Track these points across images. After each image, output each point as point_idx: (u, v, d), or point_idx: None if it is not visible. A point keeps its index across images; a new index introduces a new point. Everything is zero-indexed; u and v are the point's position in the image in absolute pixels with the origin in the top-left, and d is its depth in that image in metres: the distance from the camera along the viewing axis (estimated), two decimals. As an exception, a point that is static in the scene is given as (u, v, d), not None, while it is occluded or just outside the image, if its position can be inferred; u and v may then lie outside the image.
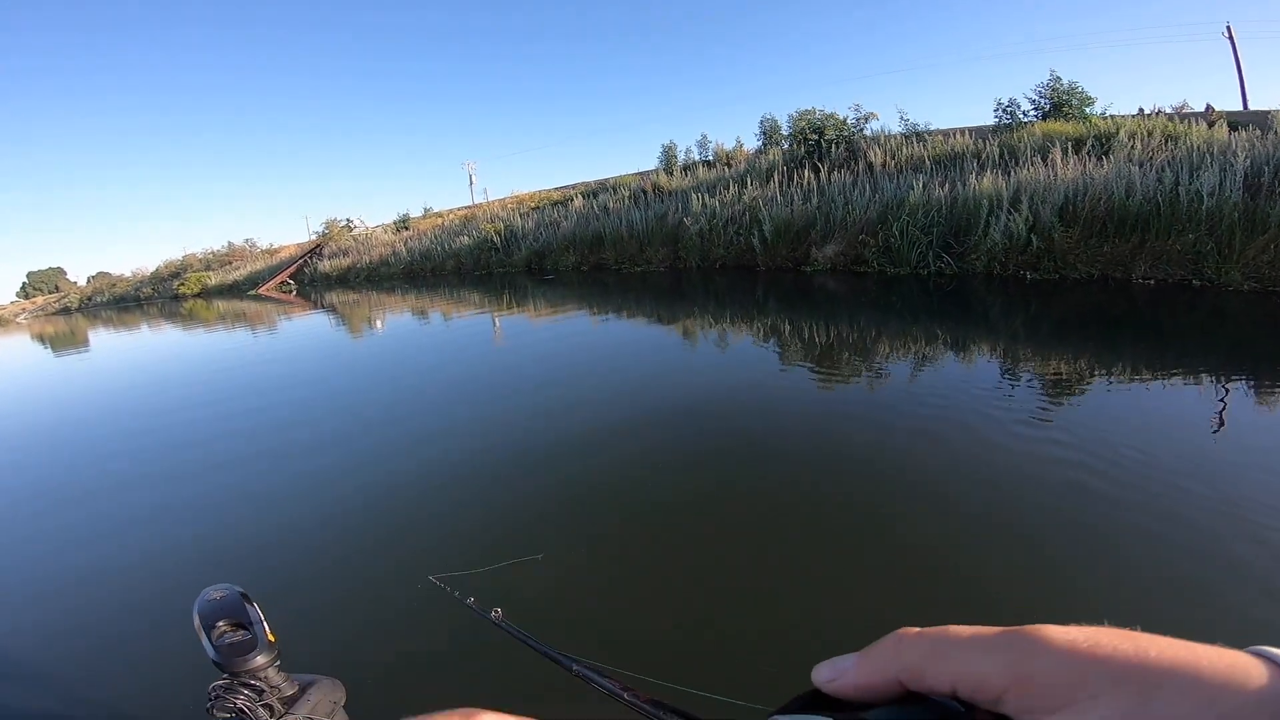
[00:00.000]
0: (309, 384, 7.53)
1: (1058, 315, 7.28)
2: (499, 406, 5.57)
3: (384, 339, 10.80)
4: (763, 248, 12.15)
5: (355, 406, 6.18)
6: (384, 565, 3.00)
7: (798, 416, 4.53)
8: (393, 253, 25.91)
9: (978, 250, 9.66)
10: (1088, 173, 9.50)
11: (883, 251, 10.45)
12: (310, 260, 30.24)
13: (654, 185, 17.73)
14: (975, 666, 0.24)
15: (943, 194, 10.45)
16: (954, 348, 6.08)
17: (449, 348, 9.14)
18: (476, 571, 2.10)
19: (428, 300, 15.64)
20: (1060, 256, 8.92)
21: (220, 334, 14.50)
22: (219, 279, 34.38)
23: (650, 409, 4.93)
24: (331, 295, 21.75)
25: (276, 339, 12.51)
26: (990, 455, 3.59)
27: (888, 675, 0.26)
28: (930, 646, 0.26)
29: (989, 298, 8.38)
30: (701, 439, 4.22)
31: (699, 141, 20.97)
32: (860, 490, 3.36)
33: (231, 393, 7.43)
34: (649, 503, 3.43)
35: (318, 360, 9.28)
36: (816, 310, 8.71)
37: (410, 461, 4.40)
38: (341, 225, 31.85)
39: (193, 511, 3.98)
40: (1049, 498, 3.03)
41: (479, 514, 3.47)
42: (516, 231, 20.70)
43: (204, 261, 38.21)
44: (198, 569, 3.14)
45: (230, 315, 19.78)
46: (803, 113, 14.90)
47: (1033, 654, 0.23)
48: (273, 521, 3.67)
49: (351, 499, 3.85)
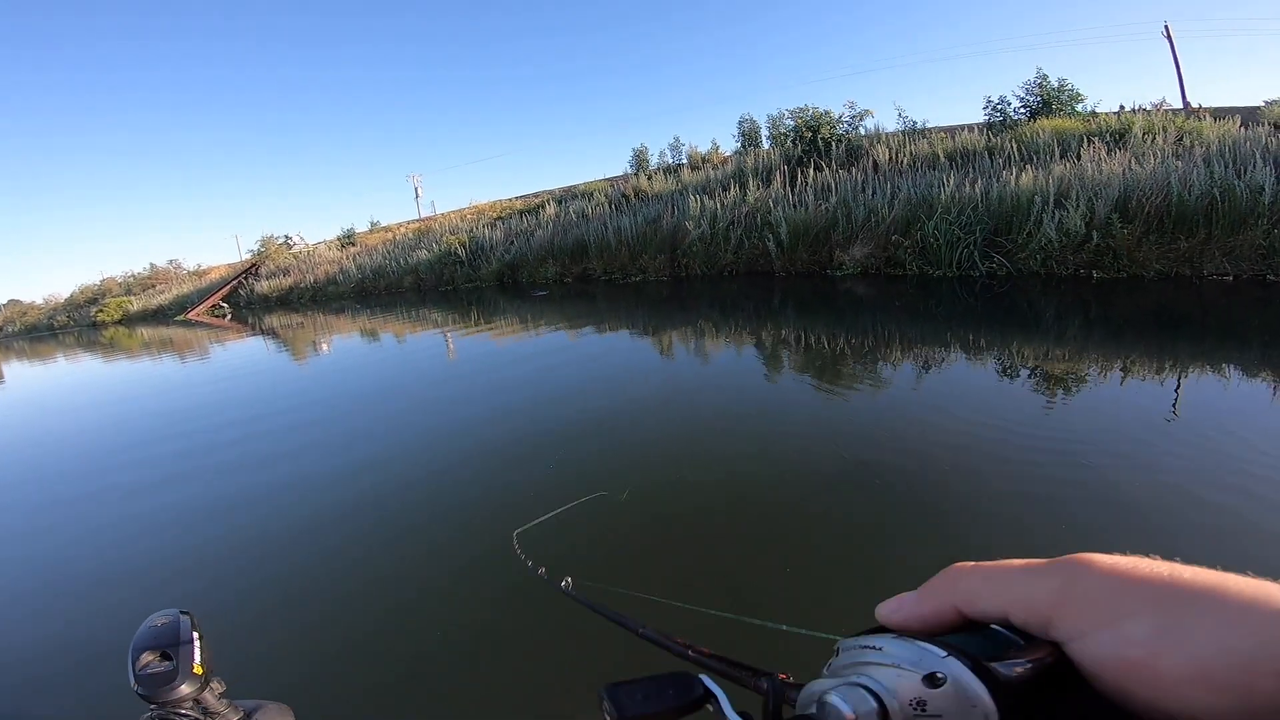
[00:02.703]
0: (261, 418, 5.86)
1: (1159, 317, 6.41)
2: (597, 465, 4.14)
3: (361, 376, 9.06)
4: (779, 252, 11.06)
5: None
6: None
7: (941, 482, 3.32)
8: (340, 270, 23.70)
9: (1026, 249, 8.83)
10: (1132, 168, 8.90)
11: (919, 252, 9.51)
12: (246, 281, 27.54)
13: (635, 189, 16.53)
14: (1025, 592, 0.26)
15: (975, 190, 9.65)
16: (1075, 367, 5.03)
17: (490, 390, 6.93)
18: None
19: (393, 322, 13.78)
20: (1126, 254, 8.16)
21: (146, 364, 12.32)
22: (142, 304, 31.24)
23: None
24: (272, 318, 19.46)
25: (213, 370, 10.52)
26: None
27: (945, 605, 0.28)
28: (984, 577, 0.28)
29: (1062, 300, 7.49)
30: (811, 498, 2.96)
31: (672, 144, 20.19)
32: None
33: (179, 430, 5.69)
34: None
35: (278, 395, 7.52)
36: (873, 322, 7.61)
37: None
38: (280, 243, 29.31)
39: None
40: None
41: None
42: (483, 243, 19.07)
43: (124, 285, 35.39)
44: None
45: (156, 343, 17.46)
46: (799, 109, 14.09)
47: (1077, 578, 0.25)
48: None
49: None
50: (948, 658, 0.26)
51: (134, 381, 10.44)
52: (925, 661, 0.26)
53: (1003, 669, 0.25)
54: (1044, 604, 0.26)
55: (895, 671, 0.27)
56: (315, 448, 4.94)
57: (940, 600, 0.29)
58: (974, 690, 0.25)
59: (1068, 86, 13.54)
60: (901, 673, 0.27)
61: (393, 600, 2.64)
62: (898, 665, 0.27)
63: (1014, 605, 0.27)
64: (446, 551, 2.99)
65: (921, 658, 0.27)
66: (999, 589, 0.27)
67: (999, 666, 0.25)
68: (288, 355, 11.13)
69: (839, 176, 11.86)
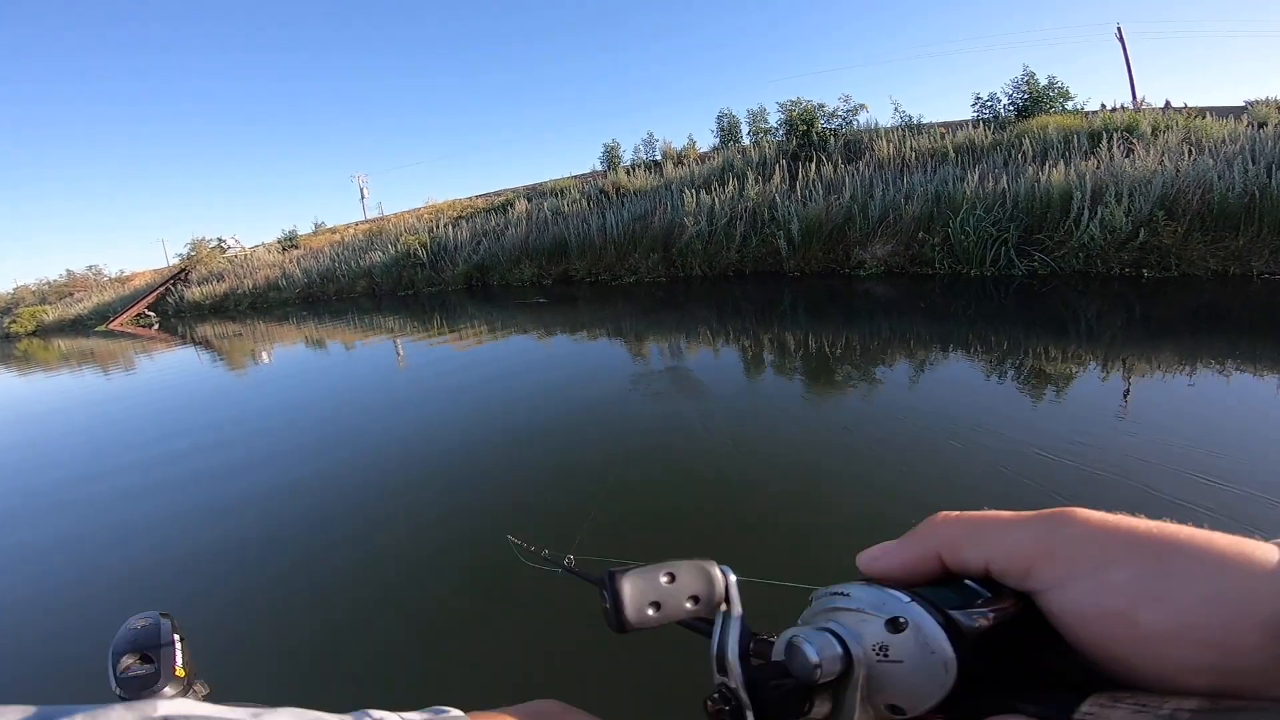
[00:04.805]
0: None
1: (1245, 320, 5.78)
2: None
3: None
4: (790, 250, 10.17)
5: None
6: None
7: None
8: (283, 275, 21.67)
9: (1065, 246, 8.22)
10: (1164, 164, 8.47)
11: (947, 250, 8.79)
12: (175, 287, 24.98)
13: (615, 185, 15.43)
14: (1009, 539, 0.26)
15: (1003, 186, 9.03)
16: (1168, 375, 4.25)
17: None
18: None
19: (344, 331, 12.19)
20: (1174, 252, 7.62)
21: (66, 379, 10.42)
22: (58, 314, 28.21)
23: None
24: (205, 327, 17.40)
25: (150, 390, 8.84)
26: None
27: (927, 552, 0.28)
28: (967, 525, 0.27)
29: (1121, 301, 6.86)
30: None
31: (645, 140, 19.18)
32: None
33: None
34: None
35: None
36: (931, 329, 6.76)
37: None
38: (212, 246, 26.84)
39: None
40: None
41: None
42: (446, 243, 17.58)
43: (39, 294, 32.80)
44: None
45: (76, 355, 15.36)
46: (791, 102, 13.35)
47: (1062, 526, 0.25)
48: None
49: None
50: (910, 603, 0.26)
51: (74, 392, 8.65)
52: (888, 606, 0.26)
53: (964, 618, 0.25)
54: (1027, 552, 0.25)
55: (860, 616, 0.27)
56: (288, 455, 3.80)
57: (922, 547, 0.28)
58: (934, 636, 0.25)
59: (1057, 83, 13.39)
60: (866, 617, 0.27)
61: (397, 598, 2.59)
62: (862, 610, 0.27)
63: (996, 553, 0.26)
64: (443, 553, 2.92)
65: (885, 602, 0.27)
66: (982, 537, 0.27)
67: (960, 615, 0.25)
68: (224, 370, 9.50)
69: (846, 171, 11.12)
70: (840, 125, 13.38)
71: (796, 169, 11.89)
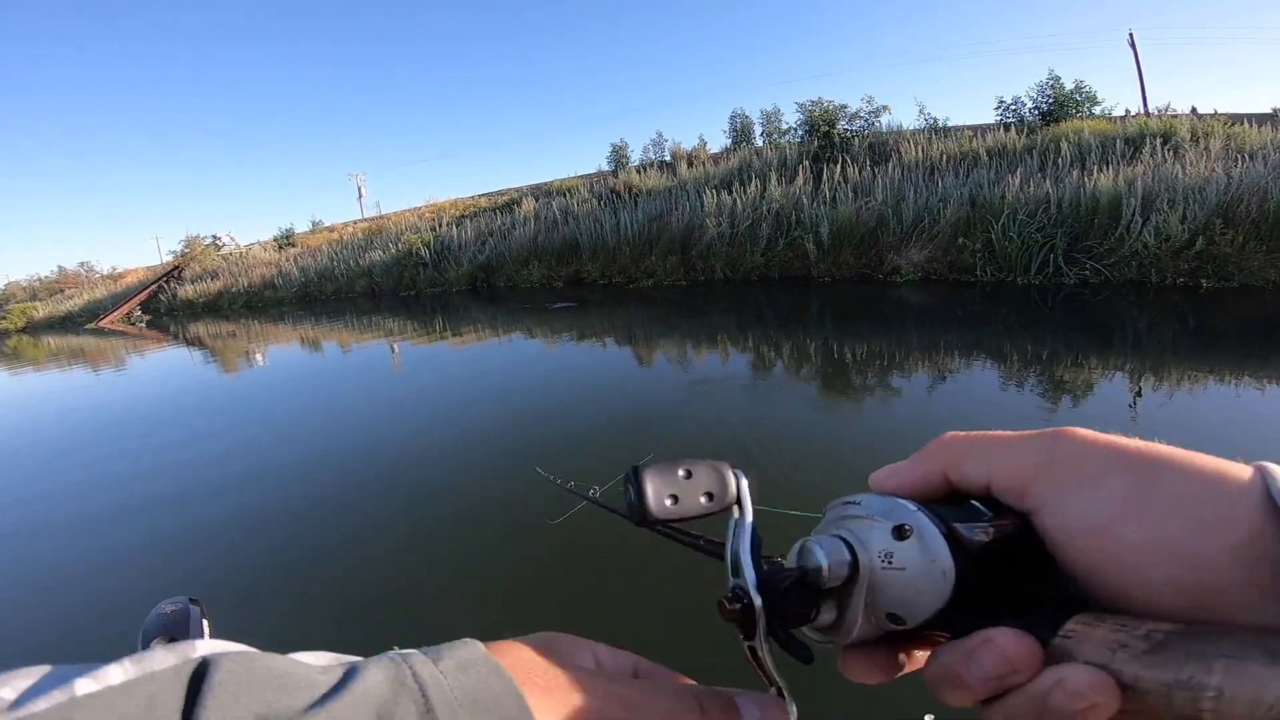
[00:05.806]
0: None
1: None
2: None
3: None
4: (820, 254, 9.71)
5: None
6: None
7: None
8: (279, 273, 21.02)
9: (1115, 254, 7.80)
10: (1216, 172, 8.09)
11: (989, 256, 8.36)
12: (168, 285, 24.26)
13: (627, 185, 14.95)
14: (1009, 456, 0.27)
15: (1045, 190, 8.62)
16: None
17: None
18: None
19: (341, 332, 11.63)
20: (1234, 262, 7.23)
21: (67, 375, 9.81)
22: (49, 311, 27.48)
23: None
24: (198, 326, 16.76)
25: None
26: None
27: (934, 469, 0.29)
28: (971, 443, 0.29)
29: (1188, 312, 6.44)
30: None
31: (654, 140, 18.73)
32: None
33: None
34: None
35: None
36: (996, 343, 6.30)
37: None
38: (207, 243, 26.16)
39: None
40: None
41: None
42: (450, 243, 17.04)
43: (30, 291, 32.43)
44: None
45: (65, 353, 14.75)
46: (812, 102, 12.93)
47: (1058, 444, 0.26)
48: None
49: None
50: (916, 511, 0.27)
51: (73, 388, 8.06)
52: (895, 513, 0.28)
53: (966, 530, 0.26)
54: (1026, 468, 0.26)
55: (869, 523, 0.29)
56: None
57: (930, 465, 0.29)
58: (936, 544, 0.26)
59: (1084, 88, 13.06)
60: (874, 524, 0.28)
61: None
62: (870, 517, 0.29)
63: (997, 469, 0.27)
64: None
65: (892, 509, 0.28)
66: (984, 454, 0.28)
67: (962, 528, 0.26)
68: (218, 372, 8.94)
69: (875, 173, 10.69)
70: (863, 127, 13.02)
71: (820, 171, 11.46)
